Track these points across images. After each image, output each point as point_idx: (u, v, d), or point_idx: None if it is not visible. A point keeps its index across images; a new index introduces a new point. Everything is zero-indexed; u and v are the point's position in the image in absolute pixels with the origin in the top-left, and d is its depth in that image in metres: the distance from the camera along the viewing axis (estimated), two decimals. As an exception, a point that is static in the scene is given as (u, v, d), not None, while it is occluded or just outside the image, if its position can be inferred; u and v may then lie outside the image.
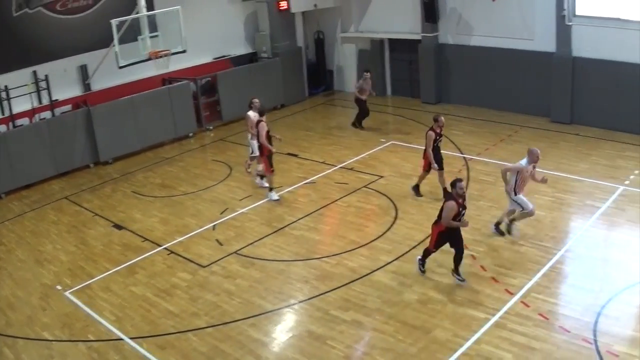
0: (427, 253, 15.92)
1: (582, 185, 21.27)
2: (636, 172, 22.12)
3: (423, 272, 16.01)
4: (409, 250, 17.27)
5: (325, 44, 34.86)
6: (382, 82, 33.35)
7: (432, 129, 19.94)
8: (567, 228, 18.74)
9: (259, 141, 20.68)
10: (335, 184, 22.02)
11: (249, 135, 21.84)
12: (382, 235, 18.27)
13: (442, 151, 20.55)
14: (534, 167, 17.29)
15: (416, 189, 20.75)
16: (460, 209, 15.11)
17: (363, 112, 27.70)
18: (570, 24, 26.68)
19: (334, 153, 25.10)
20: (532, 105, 28.49)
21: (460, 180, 15.18)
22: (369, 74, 27.67)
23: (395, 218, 19.31)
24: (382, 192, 21.16)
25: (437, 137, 20.03)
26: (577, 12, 26.57)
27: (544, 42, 27.58)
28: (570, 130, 26.78)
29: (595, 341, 13.23)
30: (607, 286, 15.30)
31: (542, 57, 27.70)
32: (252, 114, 21.43)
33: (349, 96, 33.61)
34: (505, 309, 14.44)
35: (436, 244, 15.57)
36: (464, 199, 15.29)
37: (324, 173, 23.02)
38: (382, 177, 22.35)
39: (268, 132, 20.48)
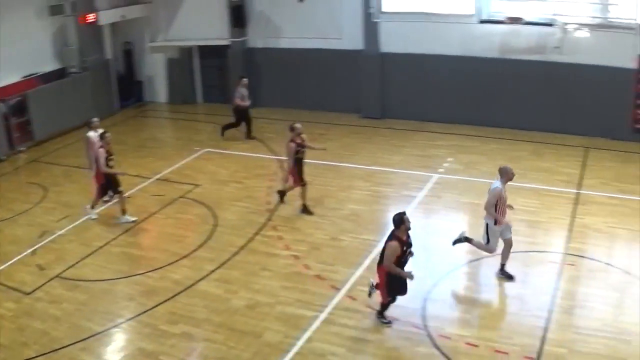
0: (385, 306, 14.03)
1: (397, 176, 22.12)
2: (449, 159, 23.25)
3: (389, 323, 14.02)
4: (231, 257, 17.20)
5: (134, 54, 34.09)
6: (193, 89, 33.24)
7: (291, 139, 19.24)
8: (385, 220, 19.07)
9: (97, 166, 19.62)
10: (152, 197, 21.55)
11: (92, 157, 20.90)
12: (203, 244, 18.08)
13: (259, 154, 20.60)
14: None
15: (304, 209, 19.76)
16: (405, 248, 13.37)
17: (247, 120, 26.90)
18: (377, 20, 27.59)
19: (148, 165, 24.54)
20: (344, 103, 29.26)
21: (404, 213, 13.43)
22: (246, 79, 26.78)
23: (215, 226, 19.19)
24: (200, 200, 20.92)
25: (299, 149, 19.26)
26: (384, 9, 27.57)
27: (352, 40, 28.37)
28: (381, 124, 27.70)
29: (426, 326, 13.76)
30: (431, 272, 15.91)
31: (351, 55, 28.50)
32: (93, 135, 20.59)
33: (160, 107, 33.23)
34: (332, 304, 14.70)
35: (389, 291, 13.70)
36: (408, 235, 13.54)
37: (140, 186, 22.39)
38: (198, 185, 22.10)
39: (107, 158, 19.65)
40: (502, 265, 15.76)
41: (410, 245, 13.54)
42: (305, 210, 19.71)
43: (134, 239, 19.11)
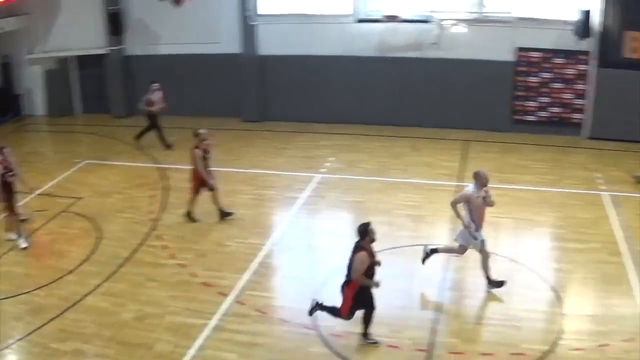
0: (333, 314, 13.58)
1: (280, 179, 22.23)
2: (331, 159, 23.50)
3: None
4: (116, 270, 16.78)
5: (11, 68, 33.10)
6: (71, 101, 32.23)
7: (196, 146, 18.80)
8: (271, 222, 19.50)
9: None
10: (34, 212, 20.97)
11: None
12: (88, 258, 17.54)
13: (140, 163, 20.32)
14: (486, 192, 14.85)
15: (189, 215, 19.45)
16: (372, 259, 12.91)
17: (157, 127, 26.10)
18: (254, 23, 27.66)
19: (29, 180, 23.65)
20: (225, 108, 29.05)
21: (369, 224, 12.96)
22: (157, 84, 26.11)
23: (99, 238, 18.68)
24: (83, 213, 20.32)
25: (205, 155, 18.89)
26: (261, 11, 27.67)
27: (230, 44, 28.29)
28: (263, 127, 27.79)
29: (317, 326, 13.83)
30: (317, 272, 16.18)
31: (230, 59, 28.39)
32: None
33: (39, 120, 32.17)
34: (222, 311, 14.59)
35: (351, 310, 13.22)
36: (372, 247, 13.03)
37: (21, 202, 21.81)
38: (80, 198, 21.49)
39: (6, 173, 18.55)
40: (434, 250, 15.81)
41: (374, 256, 13.05)
42: (224, 214, 19.32)
43: (18, 257, 18.58)
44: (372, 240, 12.87)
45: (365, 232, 12.77)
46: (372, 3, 26.91)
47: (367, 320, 13.35)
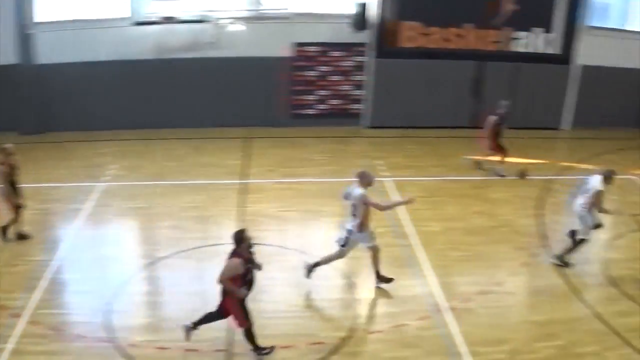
0: (250, 334, 13.14)
1: (63, 190, 21.69)
2: (113, 166, 23.33)
3: (269, 351, 13.38)
4: None
5: None
6: None
7: (1, 162, 17.54)
8: (57, 237, 18.89)
9: None
10: None
11: None
12: None
13: None
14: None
15: (4, 230, 18.23)
16: (248, 266, 12.62)
17: None
18: (30, 32, 26.80)
19: None
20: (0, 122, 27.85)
21: (244, 231, 12.67)
22: None
23: None
24: None
25: (11, 171, 17.69)
26: (39, 19, 26.75)
27: (7, 54, 26.83)
28: (43, 139, 26.87)
29: (114, 338, 13.84)
30: (109, 283, 16.11)
31: (7, 70, 27.03)
32: None
33: None
34: (17, 333, 14.09)
35: (246, 317, 12.95)
36: (250, 253, 12.76)
37: None
38: None
39: None
40: (377, 272, 15.77)
41: (253, 262, 12.82)
42: (21, 235, 18.39)
43: None
44: (250, 247, 12.59)
45: (241, 240, 12.50)
46: (149, 5, 26.84)
47: (208, 319, 13.39)
